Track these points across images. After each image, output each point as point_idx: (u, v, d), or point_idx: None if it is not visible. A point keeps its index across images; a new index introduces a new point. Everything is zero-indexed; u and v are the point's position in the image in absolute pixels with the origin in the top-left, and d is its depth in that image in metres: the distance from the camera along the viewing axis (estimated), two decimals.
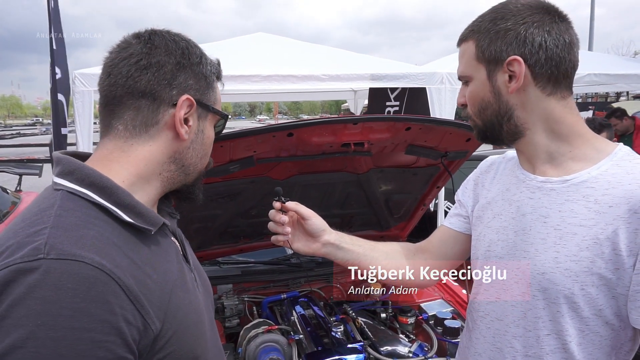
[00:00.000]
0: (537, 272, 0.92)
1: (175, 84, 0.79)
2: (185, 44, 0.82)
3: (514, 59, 0.92)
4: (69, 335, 0.58)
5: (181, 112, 0.79)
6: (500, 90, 0.96)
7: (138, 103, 0.78)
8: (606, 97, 17.08)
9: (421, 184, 2.35)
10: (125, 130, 0.78)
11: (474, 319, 1.09)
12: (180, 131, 0.80)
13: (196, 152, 0.86)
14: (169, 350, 0.72)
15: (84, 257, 0.62)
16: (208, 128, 0.88)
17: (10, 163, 7.13)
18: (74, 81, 3.82)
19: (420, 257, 1.25)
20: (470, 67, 0.99)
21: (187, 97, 0.79)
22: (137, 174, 0.79)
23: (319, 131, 1.78)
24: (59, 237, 0.63)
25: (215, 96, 0.88)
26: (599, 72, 5.62)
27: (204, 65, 0.84)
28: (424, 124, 1.87)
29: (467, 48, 0.99)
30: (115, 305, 0.63)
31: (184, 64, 0.81)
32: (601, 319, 0.88)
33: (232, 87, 4.13)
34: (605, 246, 0.85)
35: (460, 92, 1.06)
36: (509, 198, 1.03)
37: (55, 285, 0.58)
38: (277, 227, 1.20)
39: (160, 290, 0.72)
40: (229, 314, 2.19)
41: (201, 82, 0.83)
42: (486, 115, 1.00)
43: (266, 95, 8.79)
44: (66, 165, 0.73)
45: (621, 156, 0.92)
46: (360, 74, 4.53)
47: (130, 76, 0.76)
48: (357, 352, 1.76)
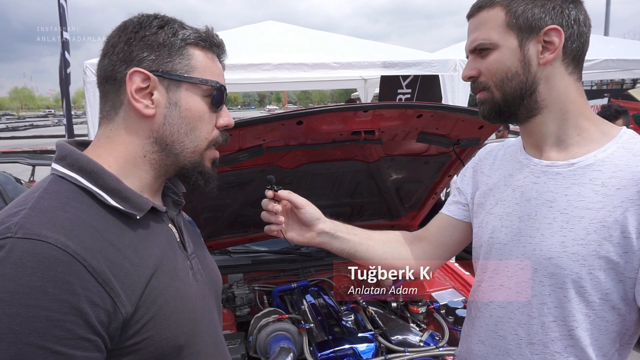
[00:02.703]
0: (543, 257, 0.91)
1: (129, 59, 0.77)
2: (142, 19, 0.80)
3: (553, 28, 0.89)
4: (24, 312, 0.58)
5: (132, 86, 0.77)
6: (530, 61, 0.92)
7: (105, 89, 0.81)
8: (622, 84, 16.73)
9: (432, 173, 2.32)
10: (104, 117, 0.81)
11: (477, 306, 1.08)
12: (137, 106, 0.77)
13: (175, 128, 0.80)
14: (146, 335, 0.72)
15: (49, 237, 0.62)
16: (185, 99, 0.80)
17: (24, 154, 7.21)
18: (85, 71, 3.83)
19: (418, 245, 1.24)
20: (497, 34, 0.93)
21: (134, 69, 0.76)
22: (121, 158, 0.80)
23: (329, 119, 1.76)
24: (31, 217, 0.64)
25: (190, 63, 0.80)
26: (615, 57, 5.48)
27: (163, 34, 0.79)
28: (436, 111, 1.83)
29: (494, 14, 0.94)
30: (77, 286, 0.62)
31: (135, 38, 0.78)
32: (608, 303, 0.87)
33: (243, 76, 4.10)
34: (613, 229, 0.84)
35: (470, 64, 1.00)
36: (512, 183, 1.02)
37: (16, 263, 0.59)
38: (270, 216, 1.17)
39: (138, 274, 0.72)
40: (239, 302, 2.20)
41: (159, 51, 0.78)
42: (510, 87, 0.95)
43: (275, 84, 8.74)
44: (61, 151, 0.76)
45: (626, 139, 0.91)
46: (372, 61, 4.46)
47: (98, 67, 0.80)
48: (368, 341, 1.76)
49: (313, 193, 1.96)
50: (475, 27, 0.98)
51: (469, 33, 0.99)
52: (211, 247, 2.36)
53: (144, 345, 0.72)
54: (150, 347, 0.73)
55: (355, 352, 1.71)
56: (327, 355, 1.70)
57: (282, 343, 1.74)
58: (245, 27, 5.94)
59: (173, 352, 0.77)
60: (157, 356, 0.74)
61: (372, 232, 1.25)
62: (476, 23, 0.98)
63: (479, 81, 0.99)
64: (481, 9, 0.96)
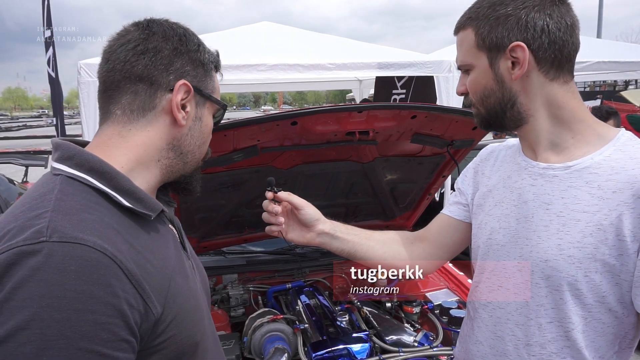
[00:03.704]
0: (540, 260, 0.91)
1: (172, 69, 0.80)
2: (182, 31, 0.83)
3: (516, 45, 0.90)
4: (73, 317, 0.58)
5: (178, 96, 0.79)
6: (503, 78, 0.94)
7: (135, 87, 0.78)
8: (614, 85, 16.87)
9: (427, 173, 2.33)
10: (123, 115, 0.79)
11: (475, 307, 1.09)
12: (178, 116, 0.80)
13: (194, 140, 0.86)
14: (170, 334, 0.73)
15: (87, 240, 0.62)
16: (206, 116, 0.88)
17: (17, 155, 7.15)
18: (79, 72, 3.81)
19: (418, 245, 1.24)
20: (470, 56, 0.97)
21: (184, 82, 0.80)
22: (136, 160, 0.79)
23: (324, 119, 1.76)
24: (60, 220, 0.63)
25: (214, 85, 0.88)
26: (607, 59, 5.54)
27: (202, 52, 0.84)
28: (430, 112, 1.84)
29: (466, 36, 0.97)
30: (118, 288, 0.63)
31: (181, 50, 0.81)
32: (604, 306, 0.87)
33: (238, 76, 4.10)
34: (609, 232, 0.84)
35: (460, 80, 1.04)
36: (511, 185, 1.02)
37: (58, 267, 0.59)
38: (270, 217, 1.18)
39: (161, 275, 0.73)
40: (234, 303, 2.19)
41: (199, 69, 0.83)
42: (489, 103, 0.98)
43: (271, 85, 8.75)
44: (65, 150, 0.73)
45: (624, 141, 0.91)
46: (368, 62, 4.48)
47: (127, 61, 0.77)
48: (362, 341, 1.76)
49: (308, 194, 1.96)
50: (457, 46, 1.01)
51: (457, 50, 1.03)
52: (206, 248, 2.36)
53: (167, 345, 0.73)
54: (172, 346, 0.74)
55: (350, 352, 1.72)
56: (321, 355, 1.70)
57: (277, 343, 1.74)
58: (241, 27, 5.94)
59: (190, 350, 0.79)
60: (177, 355, 0.75)
61: (372, 232, 1.25)
62: (457, 43, 1.01)
63: (468, 97, 1.03)
64: (459, 29, 1.00)
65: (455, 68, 4.79)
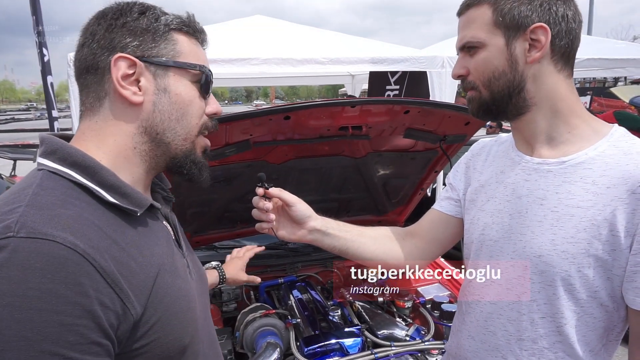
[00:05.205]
0: (533, 255, 0.92)
1: (111, 47, 0.73)
2: (121, 6, 0.77)
3: (539, 26, 0.88)
4: (35, 317, 0.55)
5: (118, 72, 0.73)
6: (517, 60, 0.92)
7: (86, 81, 0.76)
8: (604, 82, 17.01)
9: (419, 168, 2.34)
10: (87, 110, 0.77)
11: (468, 302, 1.09)
12: (124, 94, 0.73)
13: (166, 115, 0.77)
14: (153, 337, 0.69)
15: (56, 236, 0.58)
16: (174, 85, 0.78)
17: (5, 148, 7.06)
18: (69, 64, 3.75)
19: (410, 241, 1.23)
20: (484, 33, 0.93)
21: (119, 55, 0.73)
22: (112, 152, 0.75)
23: (317, 114, 1.75)
24: (32, 215, 0.60)
25: (176, 48, 0.78)
26: (598, 56, 5.58)
27: (145, 19, 0.76)
28: (423, 107, 1.84)
29: (481, 13, 0.93)
30: (89, 287, 0.59)
31: (116, 24, 0.74)
32: (596, 300, 0.88)
33: (230, 70, 4.06)
34: (602, 227, 0.84)
35: (460, 62, 0.99)
36: (504, 180, 1.02)
37: (23, 264, 0.55)
38: (261, 214, 1.14)
39: (145, 274, 0.69)
40: (226, 298, 2.19)
41: (143, 36, 0.75)
42: (497, 86, 0.94)
43: (263, 80, 8.70)
44: (49, 144, 0.71)
45: (617, 137, 0.91)
46: (361, 57, 4.47)
47: (76, 58, 0.76)
48: (354, 335, 1.77)
49: (300, 188, 1.95)
50: (463, 25, 0.97)
51: (459, 31, 0.99)
52: (198, 243, 2.35)
53: (151, 348, 0.69)
54: (156, 350, 0.70)
55: (342, 346, 1.72)
56: (314, 350, 1.71)
57: (269, 338, 1.74)
58: (234, 21, 5.90)
59: (178, 353, 0.75)
60: (162, 358, 0.71)
61: (363, 228, 1.24)
62: (465, 21, 0.97)
63: (468, 80, 0.98)
64: (469, 6, 0.96)
65: (448, 64, 4.80)
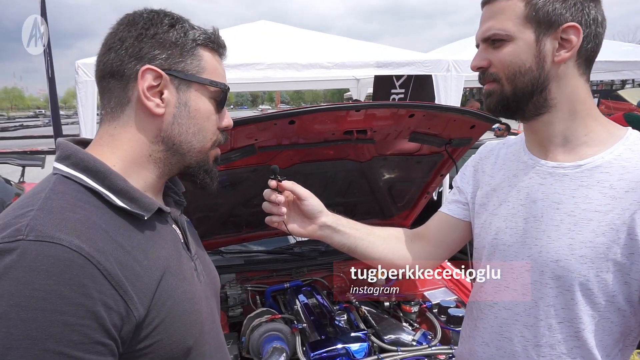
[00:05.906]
0: (550, 260, 0.90)
1: (139, 56, 0.75)
2: (151, 15, 0.78)
3: (572, 26, 0.87)
4: (40, 317, 0.57)
5: (144, 83, 0.75)
6: (545, 57, 0.89)
7: (109, 85, 0.77)
8: (611, 84, 16.91)
9: (425, 172, 2.32)
10: (107, 114, 0.79)
11: (480, 307, 1.07)
12: (148, 105, 0.76)
13: (184, 128, 0.80)
14: (156, 338, 0.71)
15: (62, 239, 0.61)
16: (194, 100, 0.80)
17: (13, 155, 7.15)
18: (77, 71, 3.81)
19: (417, 243, 1.22)
20: (514, 26, 0.89)
21: (147, 67, 0.75)
22: (126, 157, 0.78)
23: (321, 118, 1.75)
24: (41, 218, 0.62)
25: (201, 65, 0.80)
26: (604, 59, 5.54)
27: (175, 32, 0.78)
28: (428, 111, 1.84)
29: (512, 5, 0.89)
30: (92, 289, 0.61)
31: (147, 35, 0.76)
32: (613, 305, 0.87)
33: (236, 75, 4.09)
34: (621, 232, 0.84)
35: (481, 53, 0.96)
36: (517, 184, 1.00)
37: (30, 266, 0.58)
38: (272, 207, 1.13)
39: (149, 276, 0.71)
40: (232, 303, 2.19)
41: (171, 50, 0.77)
42: (522, 82, 0.91)
43: (268, 84, 8.73)
44: (64, 149, 0.74)
45: (633, 140, 0.90)
46: (366, 61, 4.48)
47: (100, 61, 0.77)
48: (360, 340, 1.76)
49: None
50: (490, 15, 0.93)
51: (483, 21, 0.95)
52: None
53: (154, 349, 0.71)
54: (160, 351, 0.72)
55: (348, 351, 1.71)
56: (320, 355, 1.70)
57: (275, 343, 1.73)
58: (239, 26, 5.93)
59: (181, 355, 0.76)
60: (167, 359, 0.73)
61: (373, 227, 1.23)
62: (492, 11, 0.93)
63: (489, 72, 0.95)
64: None
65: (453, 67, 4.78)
